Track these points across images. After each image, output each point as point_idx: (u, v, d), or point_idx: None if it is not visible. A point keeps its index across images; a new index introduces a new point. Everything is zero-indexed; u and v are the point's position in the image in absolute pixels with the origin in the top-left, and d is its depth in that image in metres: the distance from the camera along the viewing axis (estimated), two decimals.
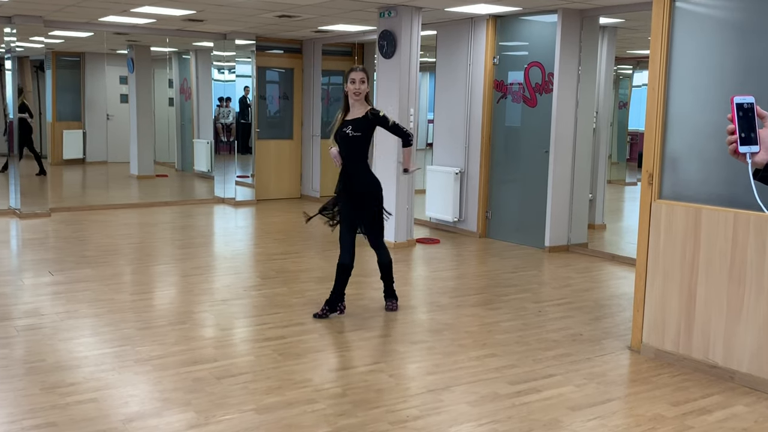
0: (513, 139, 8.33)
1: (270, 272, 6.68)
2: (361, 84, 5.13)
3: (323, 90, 11.65)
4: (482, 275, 6.87)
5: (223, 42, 11.18)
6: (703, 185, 4.36)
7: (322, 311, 5.24)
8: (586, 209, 8.23)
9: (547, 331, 5.08)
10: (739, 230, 4.08)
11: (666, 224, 4.44)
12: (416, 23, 7.79)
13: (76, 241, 7.94)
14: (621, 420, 3.68)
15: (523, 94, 8.15)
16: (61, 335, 4.73)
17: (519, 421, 3.59)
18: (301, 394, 3.85)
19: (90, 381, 3.96)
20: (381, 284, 5.53)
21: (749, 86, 4.11)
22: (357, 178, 5.20)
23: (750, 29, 4.17)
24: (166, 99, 14.03)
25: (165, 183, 13.13)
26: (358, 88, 5.12)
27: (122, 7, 8.42)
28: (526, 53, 8.12)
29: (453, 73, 8.87)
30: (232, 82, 11.45)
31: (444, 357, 4.50)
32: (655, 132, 4.47)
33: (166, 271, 6.77)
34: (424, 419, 3.59)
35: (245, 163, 11.71)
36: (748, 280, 4.06)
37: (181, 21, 9.53)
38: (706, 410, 3.79)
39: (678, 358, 4.41)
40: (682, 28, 4.38)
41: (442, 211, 8.95)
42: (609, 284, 6.68)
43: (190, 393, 3.83)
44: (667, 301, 4.46)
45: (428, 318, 5.38)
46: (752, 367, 4.07)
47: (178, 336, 4.78)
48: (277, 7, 8.12)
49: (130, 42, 12.39)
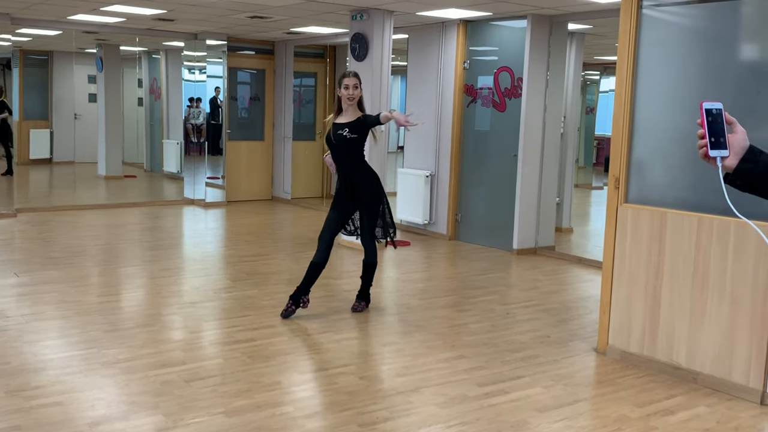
0: (482, 143, 8.40)
1: (240, 274, 6.65)
2: (354, 90, 5.16)
3: (295, 92, 11.63)
4: (452, 277, 6.91)
5: (194, 42, 11.11)
6: (668, 189, 4.44)
7: (288, 308, 5.26)
8: (553, 213, 8.32)
9: (515, 333, 5.13)
10: (702, 234, 4.16)
11: (632, 228, 4.51)
12: (388, 26, 7.82)
13: (42, 242, 7.84)
14: (587, 421, 3.73)
15: (492, 99, 8.22)
16: (27, 337, 4.67)
17: (487, 423, 3.63)
18: (270, 397, 3.85)
19: (56, 384, 3.92)
20: (351, 286, 5.54)
21: (713, 92, 4.20)
22: (360, 178, 5.27)
23: (714, 37, 4.26)
24: (136, 99, 13.90)
25: (133, 184, 13.00)
26: (351, 94, 5.16)
27: (92, 6, 8.33)
28: (496, 58, 8.19)
29: (424, 76, 8.92)
30: (203, 82, 11.38)
31: (413, 359, 4.53)
32: (621, 137, 4.55)
33: (134, 273, 6.71)
34: (394, 421, 3.61)
35: (216, 164, 11.65)
36: (711, 283, 4.14)
37: (151, 20, 9.46)
38: (669, 411, 3.86)
39: (643, 359, 4.49)
40: (649, 34, 4.46)
41: (412, 213, 8.99)
42: (576, 287, 6.76)
43: (158, 396, 3.81)
44: (633, 303, 4.53)
45: (398, 320, 5.41)
46: (714, 369, 4.16)
47: (146, 339, 4.74)
48: (248, 8, 8.10)
49: (99, 41, 12.26)
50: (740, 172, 1.85)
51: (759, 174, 1.84)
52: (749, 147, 1.86)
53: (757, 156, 1.85)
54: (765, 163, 1.85)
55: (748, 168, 1.84)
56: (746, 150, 1.85)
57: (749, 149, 1.86)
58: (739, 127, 1.87)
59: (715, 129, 1.84)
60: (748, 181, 1.85)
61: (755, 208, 3.47)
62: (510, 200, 8.01)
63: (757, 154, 1.86)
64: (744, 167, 1.84)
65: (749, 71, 4.13)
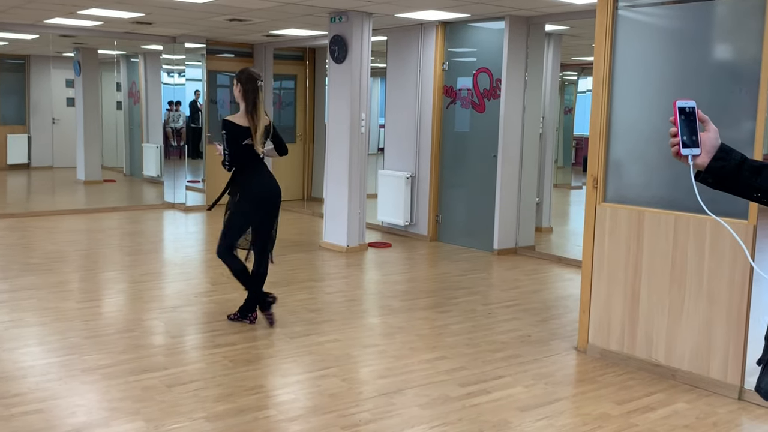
0: (462, 144, 8.43)
1: (221, 278, 6.63)
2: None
3: (275, 94, 11.61)
4: (433, 278, 6.94)
5: (172, 45, 11.06)
6: (645, 188, 4.49)
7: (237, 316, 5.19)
8: (533, 213, 8.37)
9: (496, 333, 5.16)
10: (679, 232, 4.21)
11: (610, 227, 4.56)
12: (367, 29, 7.84)
13: (20, 248, 7.77)
14: (568, 419, 3.76)
15: (471, 100, 8.25)
16: (6, 345, 4.63)
17: (469, 423, 3.65)
18: (252, 401, 3.85)
19: (36, 391, 3.89)
20: (333, 289, 5.53)
21: (688, 92, 4.24)
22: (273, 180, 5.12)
23: (689, 37, 4.31)
24: (114, 103, 13.80)
25: (113, 188, 12.91)
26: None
27: (68, 9, 8.27)
28: (475, 59, 8.23)
29: (403, 78, 8.94)
30: (182, 85, 11.33)
31: (395, 360, 4.54)
32: (599, 137, 4.59)
33: (114, 278, 6.67)
34: (377, 423, 3.62)
35: (196, 168, 11.60)
36: (688, 281, 4.19)
37: (129, 23, 9.40)
38: (649, 408, 3.90)
39: (623, 357, 4.53)
40: (625, 35, 4.50)
41: (393, 215, 9.01)
42: (556, 286, 6.81)
43: (139, 402, 3.79)
44: (612, 302, 4.58)
45: (380, 321, 5.42)
46: (693, 366, 4.21)
47: (127, 344, 4.72)
48: (227, 11, 8.08)
49: (76, 44, 12.17)
50: (712, 170, 1.88)
51: (730, 172, 1.87)
52: (720, 145, 1.89)
53: (728, 154, 1.88)
54: (736, 161, 1.88)
55: (720, 166, 1.87)
56: (717, 148, 1.88)
57: (720, 147, 1.89)
58: (711, 125, 1.90)
59: (687, 127, 1.86)
60: (719, 179, 1.88)
61: (729, 206, 3.53)
62: (490, 201, 8.05)
63: (728, 152, 1.89)
64: (716, 165, 1.87)
65: (724, 71, 4.18)
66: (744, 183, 1.87)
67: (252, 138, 4.97)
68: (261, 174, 5.08)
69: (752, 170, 1.87)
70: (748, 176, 1.86)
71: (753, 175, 1.86)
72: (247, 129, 4.96)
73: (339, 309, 5.69)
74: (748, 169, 1.87)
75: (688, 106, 1.87)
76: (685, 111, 1.87)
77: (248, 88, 4.95)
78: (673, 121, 1.87)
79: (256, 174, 5.05)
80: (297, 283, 6.46)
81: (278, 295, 5.82)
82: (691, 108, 1.87)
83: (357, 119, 7.85)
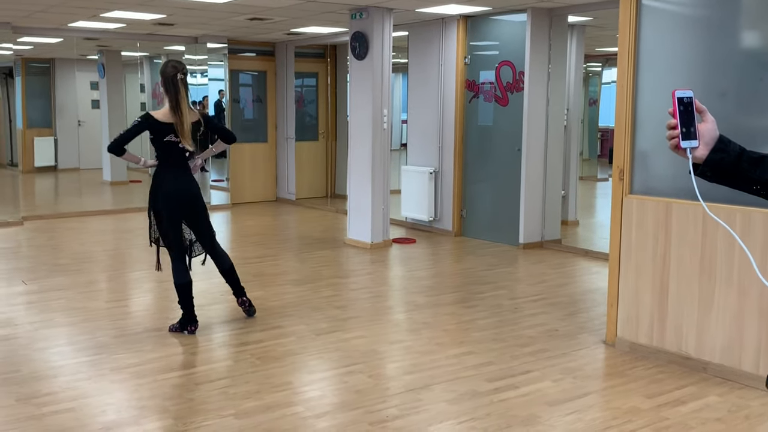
0: (486, 138, 8.38)
1: (247, 276, 6.65)
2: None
3: (297, 92, 11.64)
4: (458, 273, 6.91)
5: (194, 45, 11.13)
6: (672, 180, 4.43)
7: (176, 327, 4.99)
8: (558, 206, 8.30)
9: (523, 327, 5.12)
10: (708, 223, 4.15)
11: (637, 219, 4.50)
12: (387, 24, 7.82)
13: (49, 249, 7.87)
14: (598, 413, 3.73)
15: (494, 94, 8.20)
16: (36, 345, 4.69)
17: (497, 418, 3.63)
18: (280, 398, 3.86)
19: (66, 390, 3.93)
20: (358, 285, 5.53)
21: (715, 81, 4.18)
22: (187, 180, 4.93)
23: (715, 25, 4.25)
24: (138, 104, 13.91)
25: (139, 189, 13.00)
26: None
27: (91, 12, 8.35)
28: (497, 53, 8.18)
29: (425, 73, 8.91)
30: (205, 85, 11.39)
31: (422, 356, 4.53)
32: (624, 128, 4.53)
33: (142, 277, 6.73)
34: (404, 419, 3.61)
35: (220, 167, 11.66)
36: (718, 272, 4.13)
37: (151, 25, 9.47)
38: (680, 401, 3.85)
39: (652, 350, 4.48)
40: (649, 25, 4.44)
41: (417, 210, 8.99)
42: (583, 279, 6.75)
43: (168, 400, 3.82)
44: (640, 294, 4.52)
45: (406, 317, 5.41)
46: (724, 358, 4.15)
47: (155, 343, 4.76)
48: (247, 10, 8.10)
49: (100, 47, 12.28)
50: (711, 163, 1.78)
51: (729, 164, 1.77)
52: (719, 137, 1.79)
53: (727, 146, 1.78)
54: (735, 153, 1.78)
55: (719, 158, 1.77)
56: (716, 140, 1.78)
57: (719, 139, 1.79)
58: (709, 116, 1.80)
59: (685, 119, 1.77)
60: (718, 172, 1.79)
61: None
62: (515, 195, 8.00)
63: (727, 144, 1.79)
64: (715, 158, 1.77)
65: (751, 58, 4.11)
66: (743, 175, 1.77)
67: (177, 135, 4.70)
68: (176, 173, 4.82)
69: (751, 162, 1.77)
70: (747, 168, 1.76)
71: (752, 167, 1.76)
72: (170, 126, 4.68)
73: (364, 305, 5.69)
74: (747, 160, 1.77)
75: (686, 96, 1.77)
76: (683, 101, 1.77)
77: (168, 81, 4.67)
78: (671, 112, 1.77)
79: (171, 173, 4.82)
80: (322, 280, 6.47)
81: (303, 292, 5.86)
82: (689, 98, 1.77)
83: (379, 115, 7.84)
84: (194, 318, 4.97)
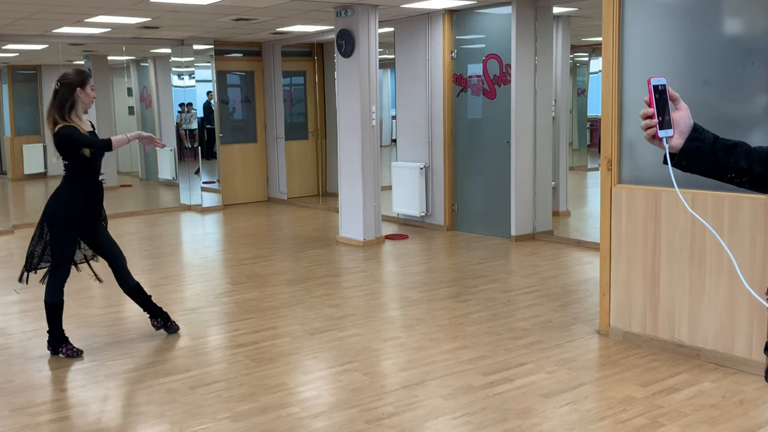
0: (475, 131, 8.39)
1: (240, 277, 6.66)
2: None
3: (285, 91, 11.62)
4: (451, 268, 6.92)
5: (180, 48, 11.09)
6: (660, 168, 4.37)
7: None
8: (549, 197, 8.32)
9: (517, 319, 5.13)
10: (697, 210, 4.16)
11: (627, 208, 4.51)
12: (373, 21, 7.80)
13: None
14: (593, 404, 3.74)
15: (482, 87, 8.21)
16: (30, 354, 4.68)
17: (493, 412, 3.63)
18: (275, 399, 3.86)
19: (61, 399, 3.93)
20: (351, 284, 5.52)
21: (698, 69, 4.19)
22: (101, 194, 4.90)
23: (699, 13, 4.25)
24: (126, 108, 13.88)
25: (129, 193, 12.99)
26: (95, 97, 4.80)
27: (76, 18, 8.31)
28: (483, 46, 8.18)
29: (412, 69, 8.90)
30: (192, 87, 11.36)
31: (417, 352, 4.54)
32: (611, 118, 4.54)
33: None
34: (400, 416, 3.62)
35: (210, 169, 11.63)
36: (708, 259, 4.15)
37: (136, 29, 9.43)
38: (674, 389, 3.87)
39: (645, 339, 4.50)
40: (633, 14, 4.45)
41: (409, 206, 8.99)
42: (575, 270, 6.77)
43: (163, 405, 3.81)
44: (632, 283, 4.54)
45: (400, 314, 5.41)
46: (717, 344, 4.17)
47: (149, 348, 4.75)
48: (232, 11, 8.08)
49: (86, 52, 12.23)
50: (686, 152, 1.75)
51: (704, 153, 1.75)
52: (693, 125, 1.76)
53: (702, 134, 1.76)
54: (710, 141, 1.75)
55: (695, 147, 1.75)
56: (691, 128, 1.76)
57: (694, 127, 1.76)
58: (682, 103, 1.77)
59: (660, 107, 1.73)
60: (693, 161, 1.76)
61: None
62: (506, 187, 8.01)
63: (702, 132, 1.76)
64: (691, 146, 1.75)
65: (734, 45, 4.12)
66: (718, 163, 1.75)
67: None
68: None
69: (725, 149, 1.75)
70: (722, 156, 1.75)
71: (726, 155, 1.75)
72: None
73: (358, 303, 5.70)
74: (721, 148, 1.75)
75: (661, 84, 1.73)
76: (658, 89, 1.73)
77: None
78: (647, 101, 1.73)
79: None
80: (315, 279, 6.47)
81: (297, 292, 5.85)
82: (662, 85, 1.74)
83: (368, 112, 7.83)
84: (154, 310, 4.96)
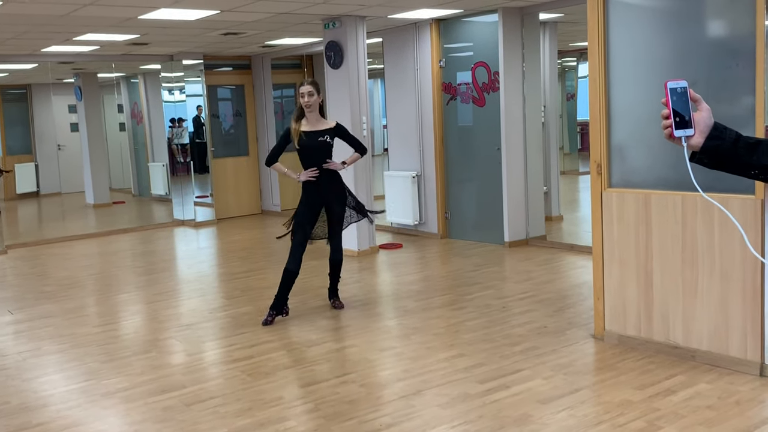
0: (465, 139, 8.41)
1: (235, 292, 6.65)
2: (309, 97, 5.48)
3: (276, 104, 11.63)
4: (446, 276, 6.92)
5: (170, 63, 11.10)
6: (650, 171, 4.46)
7: (270, 316, 5.46)
8: (541, 202, 8.34)
9: (512, 326, 5.14)
10: (687, 212, 4.18)
11: (618, 212, 4.53)
12: (361, 32, 7.83)
13: (34, 277, 7.82)
14: (590, 408, 3.74)
15: (471, 95, 8.23)
16: (25, 375, 4.66)
17: (490, 420, 3.63)
18: (272, 414, 3.85)
19: (57, 419, 3.91)
20: (348, 294, 5.53)
21: (685, 70, 4.22)
22: (332, 180, 5.64)
23: (683, 15, 4.28)
24: (117, 124, 13.86)
25: (122, 210, 12.97)
26: (307, 102, 5.47)
27: (64, 37, 8.32)
28: (472, 54, 8.21)
29: (401, 78, 8.93)
30: (183, 102, 11.37)
31: (413, 361, 4.53)
32: (599, 122, 4.57)
33: (129, 299, 6.70)
34: (397, 426, 3.61)
35: (203, 183, 11.63)
36: (700, 260, 4.16)
37: (125, 45, 9.45)
38: (671, 391, 3.88)
39: (641, 342, 4.51)
40: (617, 18, 4.48)
41: (402, 215, 9.00)
42: (569, 274, 6.78)
43: (159, 422, 3.80)
44: (626, 287, 4.55)
45: (396, 324, 5.41)
46: (712, 345, 4.18)
47: (145, 365, 4.74)
48: (221, 26, 8.10)
49: (76, 70, 12.23)
50: (707, 150, 1.86)
51: (725, 150, 1.85)
52: (714, 124, 1.87)
53: (723, 132, 1.86)
54: (731, 139, 1.85)
55: (715, 145, 1.85)
56: (711, 127, 1.86)
57: (714, 126, 1.86)
58: (704, 104, 1.87)
59: (680, 108, 1.84)
60: (715, 159, 1.86)
61: (735, 182, 3.50)
62: (497, 194, 8.03)
63: (723, 131, 1.86)
64: (711, 145, 1.85)
65: (718, 47, 4.15)
66: (741, 161, 1.85)
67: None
68: None
69: (748, 147, 1.84)
70: (744, 154, 1.84)
71: (749, 152, 1.84)
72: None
73: (354, 314, 5.69)
74: (743, 146, 1.85)
75: (680, 87, 1.85)
76: (677, 91, 1.85)
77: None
78: (664, 102, 1.85)
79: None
80: (311, 291, 6.47)
81: (292, 304, 5.83)
82: (682, 88, 1.85)
83: (358, 122, 7.85)
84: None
